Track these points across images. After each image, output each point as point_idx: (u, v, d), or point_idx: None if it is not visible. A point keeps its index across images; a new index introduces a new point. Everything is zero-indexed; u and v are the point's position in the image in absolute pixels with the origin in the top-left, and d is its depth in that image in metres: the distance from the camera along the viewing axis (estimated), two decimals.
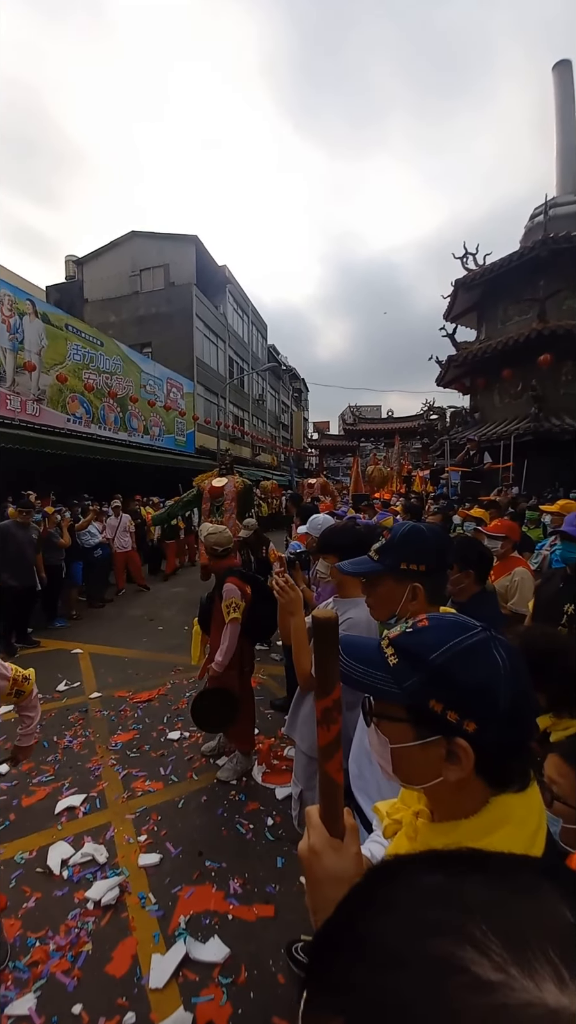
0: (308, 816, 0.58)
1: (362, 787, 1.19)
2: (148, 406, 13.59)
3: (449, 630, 0.57)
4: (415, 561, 1.10)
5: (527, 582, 2.77)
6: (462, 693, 0.53)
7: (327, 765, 0.54)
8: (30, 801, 2.60)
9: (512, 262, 10.66)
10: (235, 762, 2.81)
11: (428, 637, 0.57)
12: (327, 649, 0.54)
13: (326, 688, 0.54)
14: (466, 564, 2.03)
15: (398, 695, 0.57)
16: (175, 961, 1.68)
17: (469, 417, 13.03)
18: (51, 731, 3.38)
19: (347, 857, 0.54)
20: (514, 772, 0.53)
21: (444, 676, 0.54)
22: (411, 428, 22.00)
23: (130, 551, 7.40)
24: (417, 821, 0.60)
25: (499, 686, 0.51)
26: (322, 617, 0.54)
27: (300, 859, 0.57)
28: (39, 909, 1.92)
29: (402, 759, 0.58)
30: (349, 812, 0.58)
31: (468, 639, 0.55)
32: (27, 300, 9.21)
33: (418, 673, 0.56)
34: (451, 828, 0.54)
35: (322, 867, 0.53)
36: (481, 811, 0.53)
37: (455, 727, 0.52)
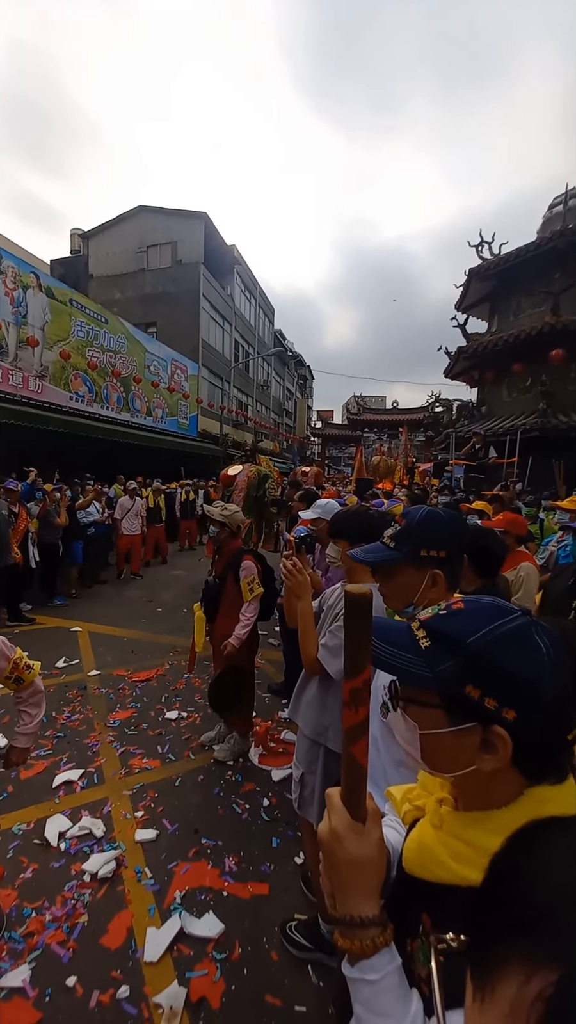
0: (329, 798, 0.56)
1: (368, 774, 1.18)
2: (152, 387, 13.43)
3: (488, 613, 0.54)
4: (435, 547, 1.05)
5: (532, 577, 2.75)
6: (503, 679, 0.50)
7: (353, 747, 0.52)
8: (28, 774, 2.61)
9: (528, 253, 10.42)
10: (232, 743, 2.82)
11: (465, 620, 0.55)
12: (359, 627, 0.51)
13: (356, 668, 0.51)
14: (468, 553, 2.00)
15: (431, 680, 0.54)
16: (170, 935, 1.70)
17: (476, 411, 12.89)
18: (50, 707, 3.38)
19: (370, 842, 0.52)
20: (553, 764, 0.51)
21: (483, 661, 0.51)
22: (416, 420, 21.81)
23: (136, 536, 7.34)
24: (442, 809, 0.58)
25: (542, 673, 0.49)
26: (356, 593, 0.50)
27: (320, 842, 0.54)
28: (36, 880, 1.94)
29: (432, 746, 0.56)
30: (371, 796, 0.55)
31: (509, 623, 0.52)
32: (31, 273, 9.02)
33: (454, 657, 0.53)
34: (482, 818, 0.52)
35: (344, 851, 0.52)
36: (515, 802, 0.50)
37: (493, 715, 0.49)
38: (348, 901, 0.52)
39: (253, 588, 2.64)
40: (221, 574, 2.79)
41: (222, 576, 2.78)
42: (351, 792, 0.53)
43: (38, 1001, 1.48)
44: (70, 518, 6.04)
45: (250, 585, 2.64)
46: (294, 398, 35.99)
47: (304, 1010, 1.49)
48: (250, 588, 2.64)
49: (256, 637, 2.91)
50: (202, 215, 18.01)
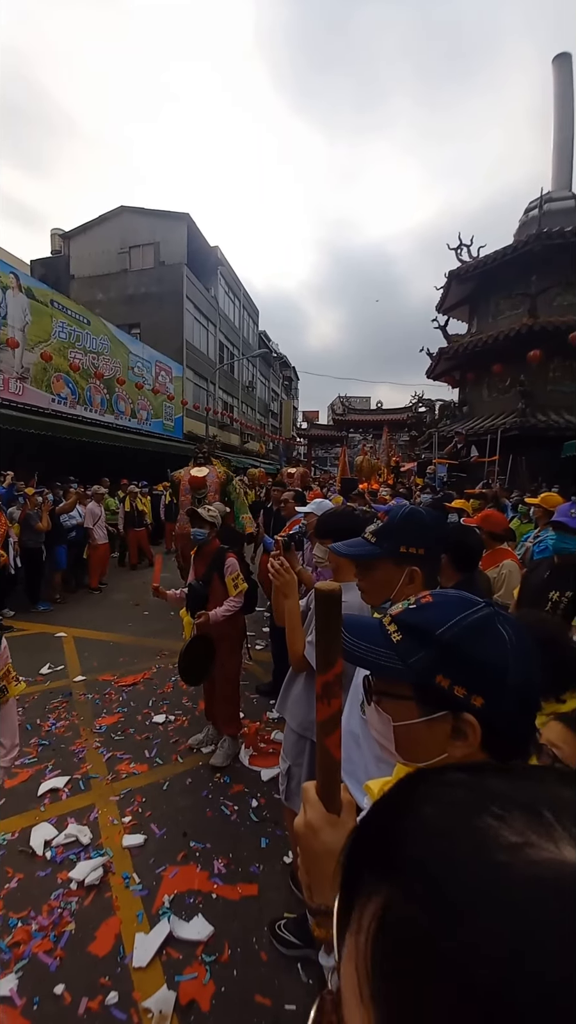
0: (305, 792, 0.57)
1: (350, 770, 1.19)
2: (136, 389, 13.30)
3: (455, 606, 0.57)
4: (414, 544, 1.08)
5: (514, 575, 2.80)
6: (470, 668, 0.53)
7: (327, 740, 0.53)
8: (12, 783, 2.57)
9: (505, 256, 10.65)
10: (226, 746, 2.82)
11: (434, 613, 0.57)
12: (330, 622, 0.52)
13: (328, 662, 0.52)
14: (446, 549, 2.04)
15: (403, 672, 0.56)
16: (159, 940, 1.69)
17: (458, 410, 13.11)
18: (34, 714, 3.34)
19: (344, 833, 0.52)
20: (520, 748, 0.53)
21: (452, 651, 0.54)
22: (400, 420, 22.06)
23: (104, 545, 6.97)
24: None
25: (508, 660, 0.51)
26: (325, 589, 0.52)
27: (296, 834, 0.56)
28: (21, 890, 1.91)
29: (406, 737, 0.58)
30: (346, 788, 0.57)
31: (474, 614, 0.55)
32: (11, 273, 8.86)
33: (425, 649, 0.55)
34: None
35: (320, 842, 0.53)
36: None
37: (463, 702, 0.52)
38: (324, 891, 0.53)
39: (238, 584, 2.69)
40: (205, 575, 2.77)
41: (206, 577, 2.76)
42: (326, 784, 0.55)
43: (26, 1010, 1.47)
44: (53, 522, 5.94)
45: (235, 581, 2.68)
46: (279, 399, 36.02)
47: (294, 1008, 1.51)
48: (235, 584, 2.68)
49: (243, 634, 2.93)
50: (185, 216, 17.91)
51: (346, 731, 1.25)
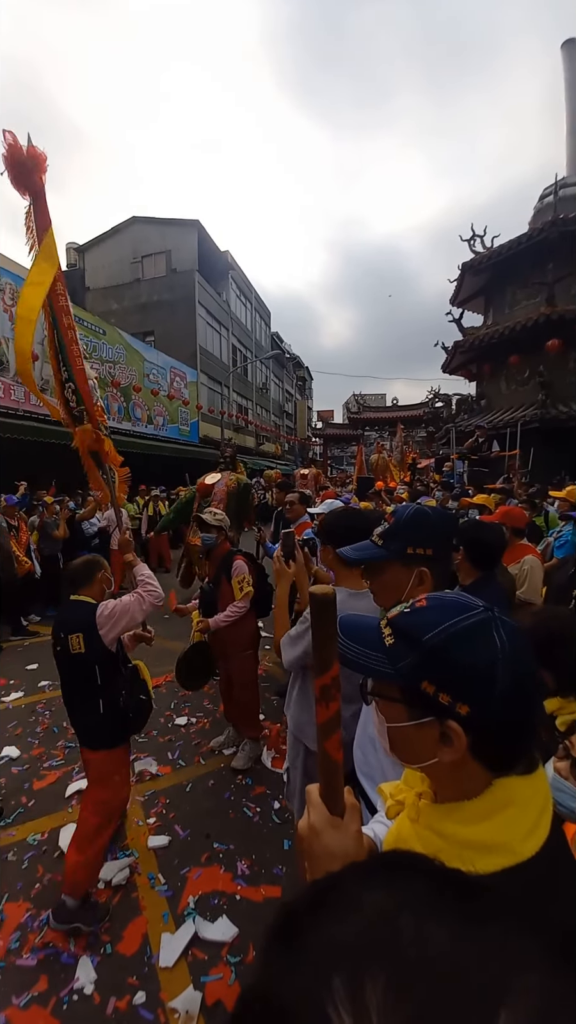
0: (308, 794, 0.57)
1: (367, 772, 1.19)
2: (151, 395, 13.51)
3: (447, 611, 0.55)
4: (422, 545, 1.06)
5: (536, 570, 2.74)
6: (455, 675, 0.52)
7: (326, 743, 0.54)
8: (41, 784, 2.64)
9: (520, 245, 10.40)
10: (247, 749, 2.83)
11: (424, 617, 0.56)
12: (325, 626, 0.53)
13: (324, 665, 0.53)
14: (463, 546, 2.00)
15: (391, 675, 0.56)
16: (184, 940, 1.71)
17: (475, 404, 12.86)
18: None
19: (347, 835, 0.54)
20: (516, 756, 0.52)
21: (437, 657, 0.53)
22: (416, 416, 21.78)
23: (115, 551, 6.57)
24: (420, 802, 0.59)
25: (496, 669, 0.50)
26: (319, 593, 0.52)
27: (299, 837, 0.56)
28: (51, 890, 1.96)
29: (398, 738, 0.58)
30: (350, 791, 0.57)
31: (465, 620, 0.53)
32: None
33: (412, 653, 0.55)
34: (453, 809, 0.54)
35: (322, 845, 0.53)
36: (484, 793, 0.52)
37: (447, 709, 0.51)
38: None
39: (243, 587, 2.64)
40: (214, 578, 2.79)
41: (215, 579, 2.79)
42: (328, 787, 0.55)
43: (56, 1009, 1.50)
44: (73, 529, 6.06)
45: (240, 584, 2.65)
46: (294, 399, 36.03)
47: None
48: (240, 587, 2.64)
49: (255, 637, 2.93)
50: (195, 223, 18.12)
51: (364, 734, 1.24)
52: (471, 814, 0.52)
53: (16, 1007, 1.50)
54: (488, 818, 0.50)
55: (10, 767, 2.81)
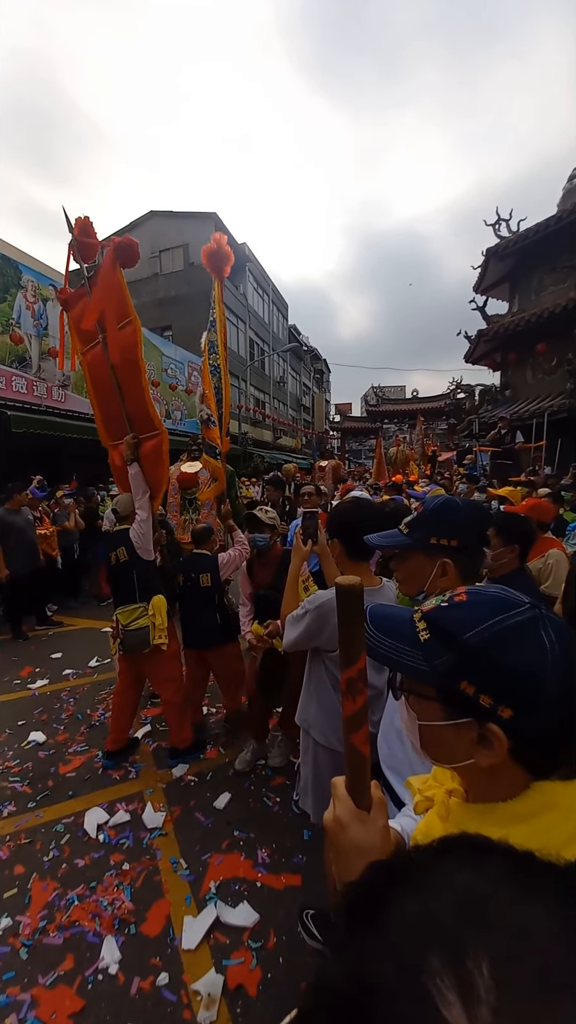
0: (334, 787, 0.56)
1: (393, 766, 1.17)
2: (170, 390, 13.62)
3: (489, 607, 0.52)
4: (446, 536, 1.05)
5: (562, 564, 2.65)
6: (498, 677, 0.48)
7: (353, 737, 0.52)
8: (67, 769, 2.72)
9: (548, 227, 9.99)
10: (283, 747, 2.74)
11: (464, 613, 0.53)
12: (352, 618, 0.51)
13: (351, 658, 0.51)
14: (511, 539, 1.95)
15: (427, 673, 0.53)
16: (206, 924, 1.73)
17: (499, 395, 12.51)
18: (84, 704, 3.51)
19: (374, 829, 0.52)
20: (558, 761, 0.49)
21: (478, 657, 0.49)
22: (437, 408, 21.37)
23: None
24: (450, 800, 0.57)
25: (544, 671, 0.46)
26: (346, 584, 0.50)
27: (325, 829, 0.55)
28: (78, 870, 2.01)
29: (431, 737, 0.55)
30: (376, 785, 0.56)
31: (511, 618, 0.50)
32: (50, 285, 9.27)
33: (450, 652, 0.52)
34: (487, 810, 0.51)
35: (348, 838, 0.52)
36: (522, 795, 0.49)
37: (488, 712, 0.48)
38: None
39: (309, 587, 2.40)
40: (273, 582, 2.52)
41: (276, 584, 2.45)
42: (354, 780, 0.54)
43: (81, 988, 1.54)
44: (91, 521, 6.20)
45: (305, 584, 2.42)
46: (311, 393, 35.81)
47: None
48: (306, 587, 2.43)
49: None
50: (211, 215, 18.08)
51: (390, 727, 1.22)
52: (507, 816, 0.49)
53: (42, 986, 1.55)
54: (526, 822, 0.48)
55: (37, 751, 2.90)
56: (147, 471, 2.73)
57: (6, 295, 8.14)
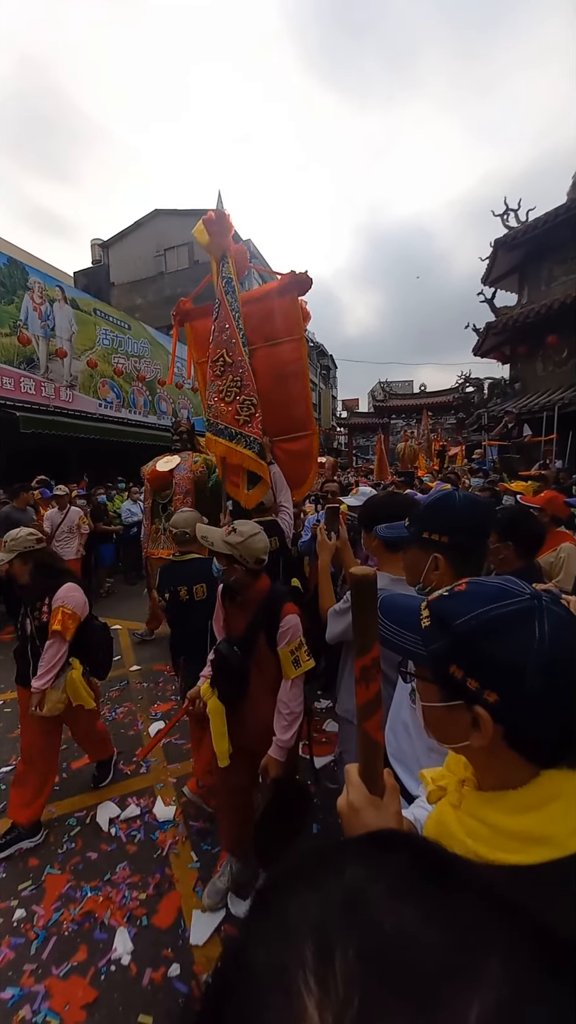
0: (347, 773, 0.58)
1: (400, 758, 1.17)
2: (176, 389, 13.69)
3: (485, 597, 0.54)
4: (437, 531, 1.07)
5: (573, 558, 2.61)
6: (483, 663, 0.51)
7: (366, 724, 0.54)
8: (78, 764, 2.75)
9: (558, 217, 9.82)
10: (228, 878, 2.12)
11: (458, 602, 0.55)
12: (365, 607, 0.53)
13: (364, 646, 0.53)
14: (505, 535, 1.93)
15: (423, 657, 0.57)
16: (216, 921, 1.75)
17: (509, 388, 12.36)
18: None
19: (387, 814, 0.54)
20: (558, 749, 0.50)
21: (466, 643, 0.52)
22: (445, 403, 21.18)
23: (71, 561, 4.96)
24: (463, 789, 0.59)
25: (528, 660, 0.47)
26: (359, 575, 0.53)
27: (339, 814, 0.57)
28: (90, 863, 2.04)
29: (431, 718, 0.59)
30: (390, 772, 0.58)
31: (503, 607, 0.51)
32: (56, 287, 9.34)
33: (444, 637, 0.54)
34: (497, 798, 0.52)
35: (362, 823, 0.54)
36: (530, 783, 0.50)
37: (475, 695, 0.50)
38: None
39: (300, 660, 1.64)
40: (246, 636, 1.69)
41: (248, 640, 1.68)
42: (368, 766, 0.56)
43: (94, 979, 1.57)
44: (97, 521, 6.31)
45: (294, 655, 1.64)
46: (318, 389, 35.70)
47: None
48: (295, 661, 1.63)
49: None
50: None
51: (397, 719, 1.22)
52: (516, 804, 0.50)
53: (56, 977, 1.57)
54: (534, 809, 0.49)
55: None
56: (293, 467, 2.87)
57: (13, 297, 8.22)
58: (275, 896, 0.23)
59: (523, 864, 0.46)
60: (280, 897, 0.23)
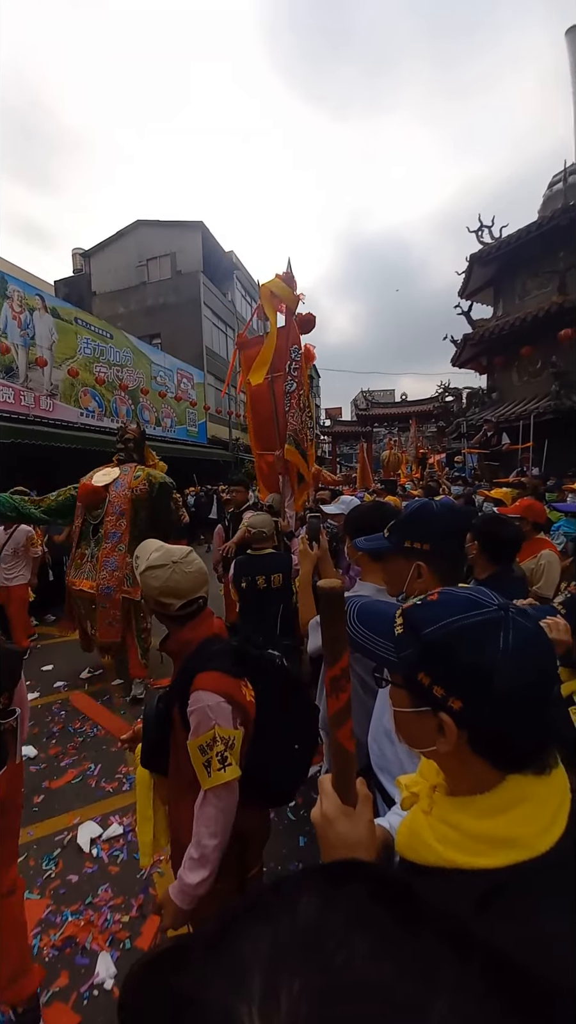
0: (321, 784, 0.59)
1: (384, 766, 1.18)
2: (159, 397, 13.63)
3: (455, 606, 0.55)
4: (418, 539, 1.09)
5: (554, 565, 2.69)
6: (449, 670, 0.52)
7: (338, 733, 0.55)
8: (59, 783, 2.68)
9: (530, 233, 10.22)
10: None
11: (430, 611, 0.57)
12: (333, 619, 0.54)
13: (334, 657, 0.54)
14: (484, 542, 1.99)
15: (395, 664, 0.59)
16: None
17: (486, 397, 12.69)
18: (77, 716, 3.46)
19: (360, 824, 0.55)
20: (522, 757, 0.51)
21: (432, 652, 0.54)
22: (426, 411, 21.60)
23: (17, 587, 4.40)
24: (434, 794, 0.60)
25: (493, 669, 0.49)
26: (327, 587, 0.54)
27: (313, 824, 0.58)
28: (71, 885, 1.98)
29: (401, 722, 0.61)
30: (363, 781, 0.59)
31: (470, 617, 0.53)
32: (36, 295, 9.25)
33: (413, 645, 0.56)
34: (466, 802, 0.54)
35: (336, 833, 0.55)
36: (496, 788, 0.52)
37: (440, 702, 0.52)
38: None
39: (211, 765, 1.08)
40: (164, 705, 1.31)
41: (165, 709, 1.29)
42: (340, 776, 0.56)
43: (76, 1005, 1.52)
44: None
45: (206, 755, 1.09)
46: None
47: None
48: (206, 764, 1.08)
49: (257, 847, 1.43)
50: (199, 224, 18.21)
51: (380, 728, 1.23)
52: (484, 808, 0.52)
53: None
54: (503, 812, 0.50)
55: (28, 766, 2.85)
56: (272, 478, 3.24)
57: None
58: (229, 930, 0.23)
59: (492, 867, 0.47)
60: (234, 931, 0.22)
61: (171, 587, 1.20)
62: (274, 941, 0.21)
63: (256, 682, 1.25)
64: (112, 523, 3.29)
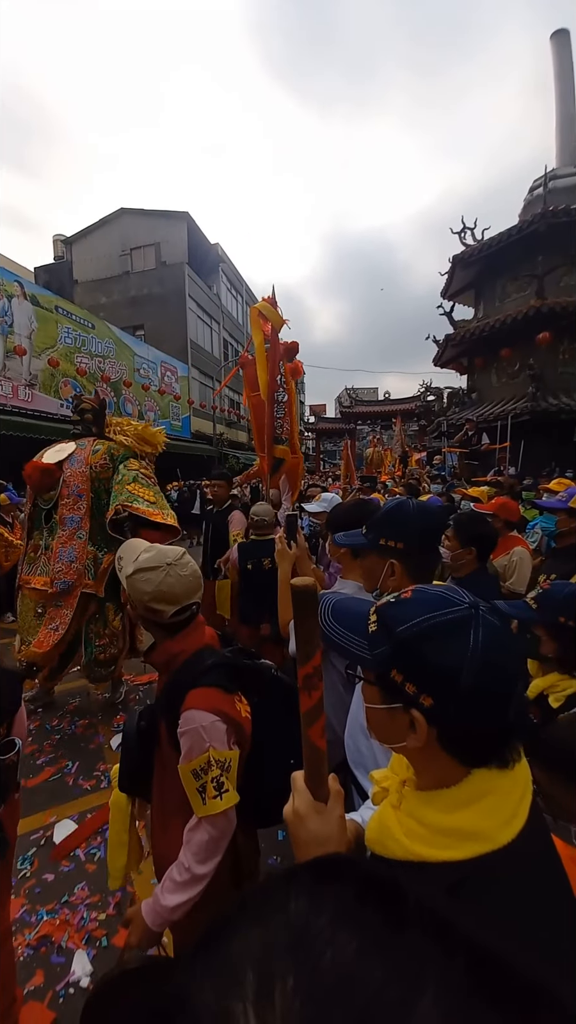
0: (293, 781, 0.60)
1: (359, 761, 1.20)
2: (142, 390, 13.42)
3: (426, 605, 0.56)
4: (393, 538, 1.11)
5: (525, 562, 2.77)
6: (420, 668, 0.53)
7: (309, 731, 0.56)
8: (35, 781, 2.64)
9: (511, 237, 10.40)
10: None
11: (403, 609, 0.58)
12: (306, 617, 0.55)
13: (306, 655, 0.55)
14: (468, 541, 2.03)
15: (368, 661, 0.59)
16: None
17: (467, 397, 12.92)
18: (53, 713, 3.41)
19: (331, 820, 0.56)
20: (487, 752, 0.53)
21: (405, 650, 0.55)
22: (408, 410, 21.83)
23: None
24: (404, 789, 0.61)
25: (462, 667, 0.50)
26: (300, 585, 0.55)
27: (285, 821, 0.59)
28: (47, 884, 1.96)
29: (373, 718, 0.62)
30: (334, 778, 0.60)
31: (442, 616, 0.54)
32: (15, 282, 8.97)
33: (387, 643, 0.57)
34: (433, 797, 0.55)
35: (306, 830, 0.56)
36: (461, 782, 0.53)
37: (411, 699, 0.53)
38: None
39: (206, 791, 1.00)
40: (149, 720, 1.21)
41: (150, 726, 1.20)
42: (312, 773, 0.57)
43: (52, 1003, 1.51)
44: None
45: (200, 780, 1.00)
46: None
47: None
48: (200, 790, 1.00)
49: (250, 859, 1.31)
50: (184, 215, 17.90)
51: (356, 724, 1.25)
52: (450, 802, 0.53)
53: None
54: (467, 806, 0.52)
55: None
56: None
57: None
58: (219, 931, 0.23)
59: (457, 860, 0.49)
60: (224, 932, 0.23)
61: (164, 592, 1.08)
62: (265, 941, 0.21)
63: (251, 696, 1.17)
64: (68, 507, 2.76)
